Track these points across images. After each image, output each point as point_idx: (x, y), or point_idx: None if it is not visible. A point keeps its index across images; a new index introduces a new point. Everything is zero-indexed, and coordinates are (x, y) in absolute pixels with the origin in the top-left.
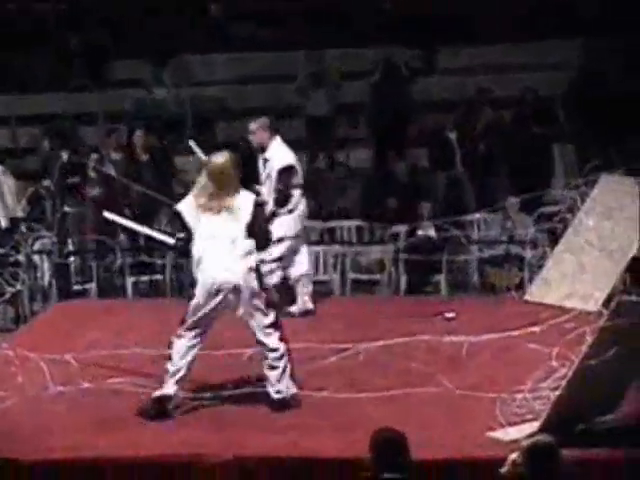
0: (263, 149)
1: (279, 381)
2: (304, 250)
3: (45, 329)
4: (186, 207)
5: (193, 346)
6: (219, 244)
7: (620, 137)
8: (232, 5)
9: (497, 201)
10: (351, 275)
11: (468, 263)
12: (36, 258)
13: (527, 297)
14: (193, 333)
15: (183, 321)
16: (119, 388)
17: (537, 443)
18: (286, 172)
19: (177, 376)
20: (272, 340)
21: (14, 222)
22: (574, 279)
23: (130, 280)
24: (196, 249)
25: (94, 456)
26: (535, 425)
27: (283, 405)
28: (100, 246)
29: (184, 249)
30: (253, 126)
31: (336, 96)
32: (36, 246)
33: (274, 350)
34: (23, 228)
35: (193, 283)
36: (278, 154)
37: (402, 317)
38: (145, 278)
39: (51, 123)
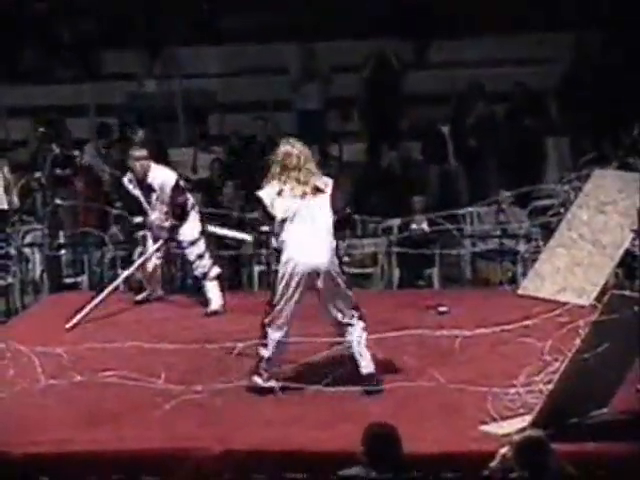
0: (144, 177)
1: (362, 356)
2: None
3: (36, 322)
4: (267, 195)
5: (284, 330)
6: (307, 228)
7: (614, 131)
8: None
9: (490, 195)
10: (344, 269)
11: (461, 257)
12: (27, 251)
13: (520, 291)
14: (282, 318)
15: (271, 306)
16: (110, 381)
17: (527, 438)
18: (177, 188)
19: (270, 362)
20: (354, 320)
21: (4, 214)
22: (567, 273)
23: (122, 273)
24: (283, 234)
25: (85, 449)
26: (528, 419)
27: (372, 380)
28: (92, 239)
29: (265, 241)
30: (140, 153)
31: (328, 89)
32: (27, 239)
33: (353, 327)
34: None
35: (184, 277)
36: (161, 175)
37: (395, 311)
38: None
39: (42, 115)
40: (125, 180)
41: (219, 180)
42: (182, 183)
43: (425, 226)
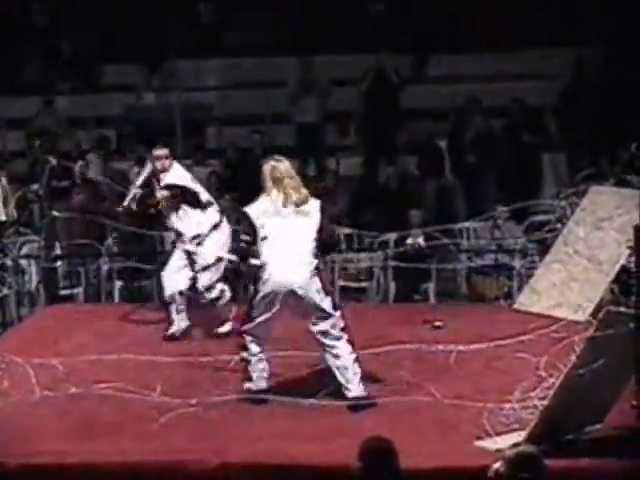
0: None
1: (349, 382)
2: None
3: (32, 333)
4: (254, 210)
5: (261, 344)
6: (289, 247)
7: (611, 147)
8: (223, 11)
9: (486, 210)
10: (339, 283)
11: (457, 272)
12: (23, 262)
13: (516, 306)
14: (259, 332)
15: (248, 320)
16: (106, 393)
17: (520, 453)
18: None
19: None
20: (339, 343)
21: (1, 226)
22: (563, 289)
23: (118, 285)
24: (265, 251)
25: (79, 461)
26: (522, 435)
27: (358, 406)
28: (88, 251)
29: (245, 252)
30: (160, 152)
31: (326, 103)
32: (24, 250)
33: (339, 356)
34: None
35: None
36: (178, 175)
37: (390, 325)
38: (133, 283)
39: (40, 126)
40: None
41: (216, 193)
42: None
43: (421, 241)
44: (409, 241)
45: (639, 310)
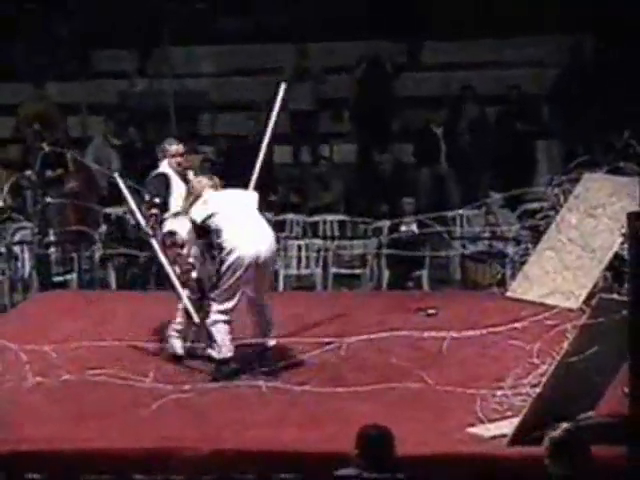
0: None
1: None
2: None
3: (25, 320)
4: (200, 215)
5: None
6: (248, 220)
7: (605, 134)
8: None
9: (480, 197)
10: (333, 269)
11: (450, 259)
12: (17, 249)
13: (509, 293)
14: (226, 305)
15: (215, 295)
16: (99, 380)
17: (565, 437)
18: None
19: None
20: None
21: None
22: (556, 276)
23: (111, 271)
24: (228, 232)
25: (72, 448)
26: (515, 422)
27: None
28: (81, 237)
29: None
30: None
31: (320, 90)
32: (17, 237)
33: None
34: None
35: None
36: None
37: (384, 312)
38: (126, 270)
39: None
40: None
41: None
42: None
43: (415, 228)
44: (403, 228)
45: (632, 297)
